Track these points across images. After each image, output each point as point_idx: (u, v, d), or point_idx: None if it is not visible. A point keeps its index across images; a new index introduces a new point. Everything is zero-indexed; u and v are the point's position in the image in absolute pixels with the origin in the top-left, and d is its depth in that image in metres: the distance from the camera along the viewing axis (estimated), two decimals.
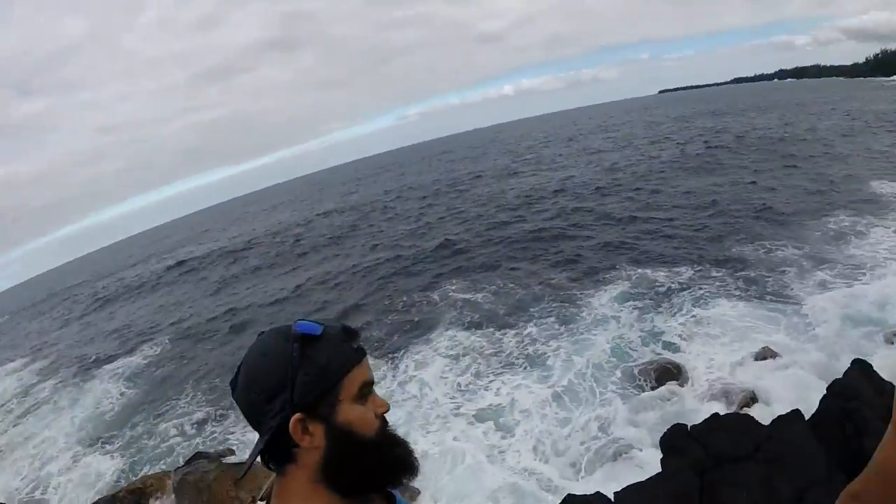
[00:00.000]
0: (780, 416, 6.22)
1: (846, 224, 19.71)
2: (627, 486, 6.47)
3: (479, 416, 13.76)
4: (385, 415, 1.43)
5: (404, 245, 33.36)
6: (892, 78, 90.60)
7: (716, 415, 6.36)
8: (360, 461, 1.37)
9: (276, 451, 1.34)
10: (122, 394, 21.58)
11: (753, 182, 29.14)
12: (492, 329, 18.25)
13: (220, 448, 13.75)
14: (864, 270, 15.83)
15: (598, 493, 6.34)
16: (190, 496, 11.06)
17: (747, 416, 6.24)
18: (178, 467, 12.47)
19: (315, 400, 1.31)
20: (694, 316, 15.56)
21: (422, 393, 15.41)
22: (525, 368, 15.33)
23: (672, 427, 6.46)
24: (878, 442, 3.88)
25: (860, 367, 6.64)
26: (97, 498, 13.30)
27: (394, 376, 16.76)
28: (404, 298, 23.25)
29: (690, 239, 22.21)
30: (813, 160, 32.01)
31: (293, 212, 73.30)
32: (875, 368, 6.97)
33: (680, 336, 14.86)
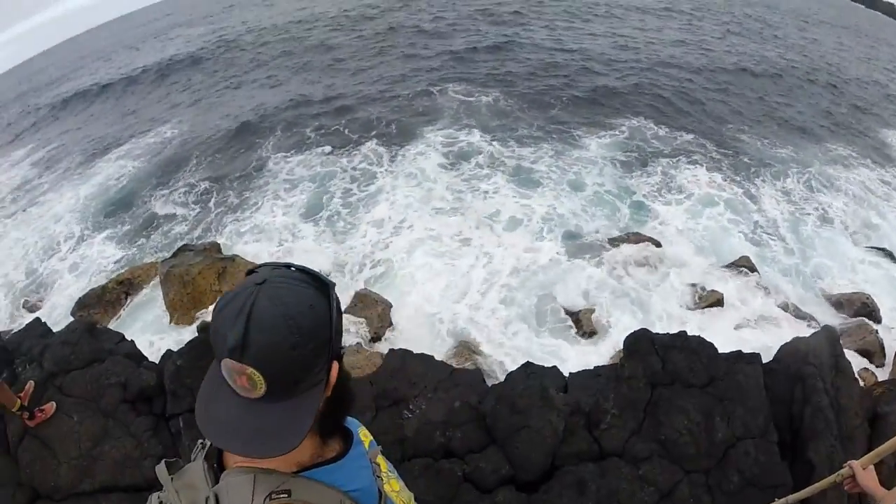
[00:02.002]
0: (741, 354, 6.20)
1: (844, 155, 18.99)
2: (582, 370, 6.56)
3: (472, 217, 13.98)
4: None
5: (412, 43, 31.03)
6: None
7: (683, 333, 6.30)
8: (350, 396, 1.41)
9: None
10: (133, 168, 20.56)
11: (782, 81, 26.76)
12: (487, 136, 17.99)
13: (207, 241, 13.44)
14: (833, 202, 15.49)
15: (555, 366, 6.45)
16: (175, 288, 10.92)
17: (712, 345, 6.19)
18: (165, 259, 12.20)
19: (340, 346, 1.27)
20: (680, 190, 15.25)
21: (424, 184, 15.51)
22: (516, 183, 15.38)
23: (639, 331, 6.36)
24: (819, 415, 3.91)
25: (827, 335, 6.47)
26: (90, 288, 12.92)
27: (394, 164, 16.78)
28: (406, 93, 22.34)
29: (700, 106, 21.30)
30: (845, 95, 27.75)
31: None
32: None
33: (655, 197, 14.86)
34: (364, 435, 1.55)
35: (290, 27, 41.82)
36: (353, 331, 9.82)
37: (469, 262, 12.34)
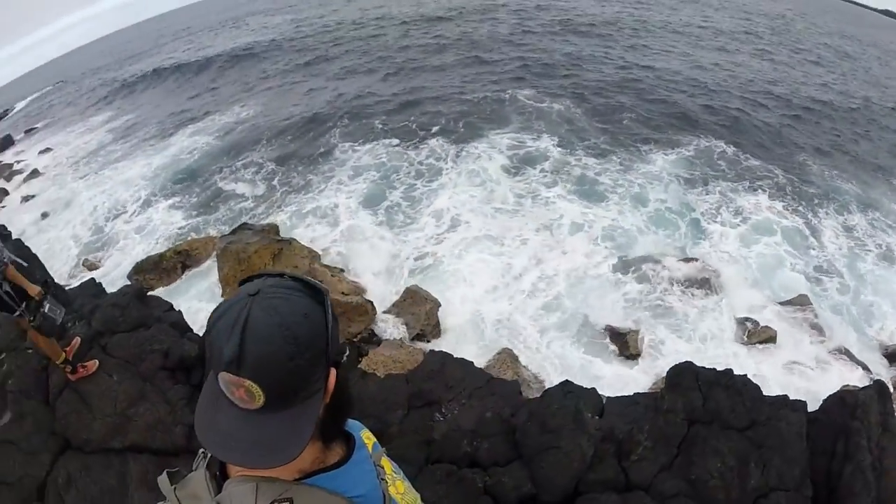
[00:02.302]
0: (786, 399, 5.89)
1: None
2: (621, 396, 6.34)
3: (531, 221, 13.91)
4: None
5: (486, 47, 30.75)
6: None
7: (730, 370, 6.02)
8: (349, 401, 1.36)
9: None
10: (206, 144, 21.23)
11: (858, 115, 25.19)
12: (553, 142, 17.81)
13: (267, 222, 13.52)
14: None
15: (593, 388, 6.25)
16: (230, 264, 10.99)
17: (757, 386, 5.88)
18: (224, 235, 12.34)
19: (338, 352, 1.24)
20: (739, 214, 14.69)
21: (487, 184, 15.54)
22: (579, 193, 15.21)
23: (683, 364, 6.09)
24: (859, 474, 3.55)
25: (878, 390, 6.01)
26: (149, 254, 13.30)
27: (459, 163, 16.80)
28: (476, 95, 22.20)
29: (770, 132, 20.49)
30: None
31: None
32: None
33: (715, 220, 14.38)
34: (367, 438, 1.50)
35: (368, 23, 42.21)
36: (391, 325, 9.81)
37: (520, 265, 12.21)
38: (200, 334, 7.18)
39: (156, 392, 6.38)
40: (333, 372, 1.23)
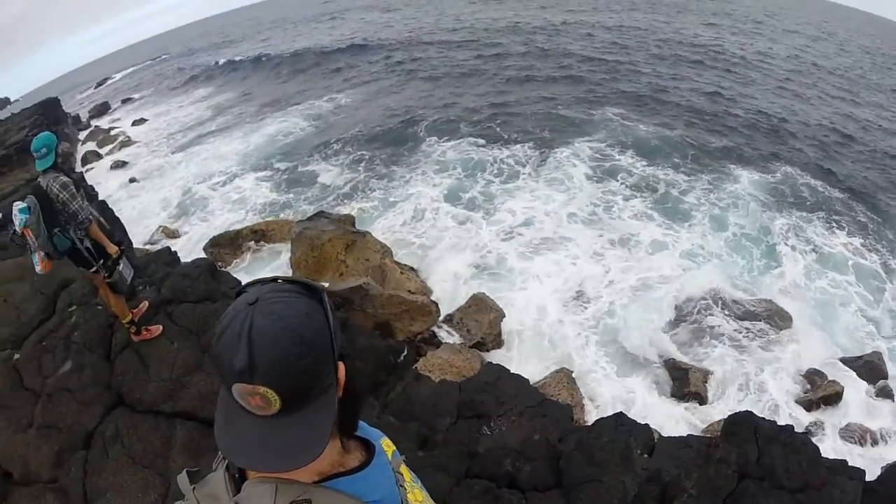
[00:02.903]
0: (845, 465, 5.55)
1: None
2: (673, 436, 6.11)
3: (606, 232, 13.78)
4: None
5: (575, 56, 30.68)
6: None
7: (790, 427, 5.70)
8: (361, 391, 1.38)
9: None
10: (302, 127, 22.07)
11: None
12: (639, 157, 17.64)
13: (344, 213, 13.66)
14: None
15: (647, 424, 6.04)
16: (303, 249, 11.16)
17: (816, 447, 5.56)
18: (301, 220, 12.52)
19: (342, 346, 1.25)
20: (813, 247, 14.06)
21: (570, 191, 15.55)
22: (660, 211, 15.01)
23: (743, 413, 5.77)
24: None
25: None
26: (227, 229, 13.68)
27: (541, 168, 16.93)
28: (565, 106, 22.18)
29: (862, 170, 19.58)
30: None
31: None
32: None
33: (789, 250, 13.79)
34: (387, 445, 1.52)
35: (463, 29, 42.89)
36: (453, 329, 9.75)
37: (590, 278, 12.02)
38: None
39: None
40: (342, 365, 1.24)
